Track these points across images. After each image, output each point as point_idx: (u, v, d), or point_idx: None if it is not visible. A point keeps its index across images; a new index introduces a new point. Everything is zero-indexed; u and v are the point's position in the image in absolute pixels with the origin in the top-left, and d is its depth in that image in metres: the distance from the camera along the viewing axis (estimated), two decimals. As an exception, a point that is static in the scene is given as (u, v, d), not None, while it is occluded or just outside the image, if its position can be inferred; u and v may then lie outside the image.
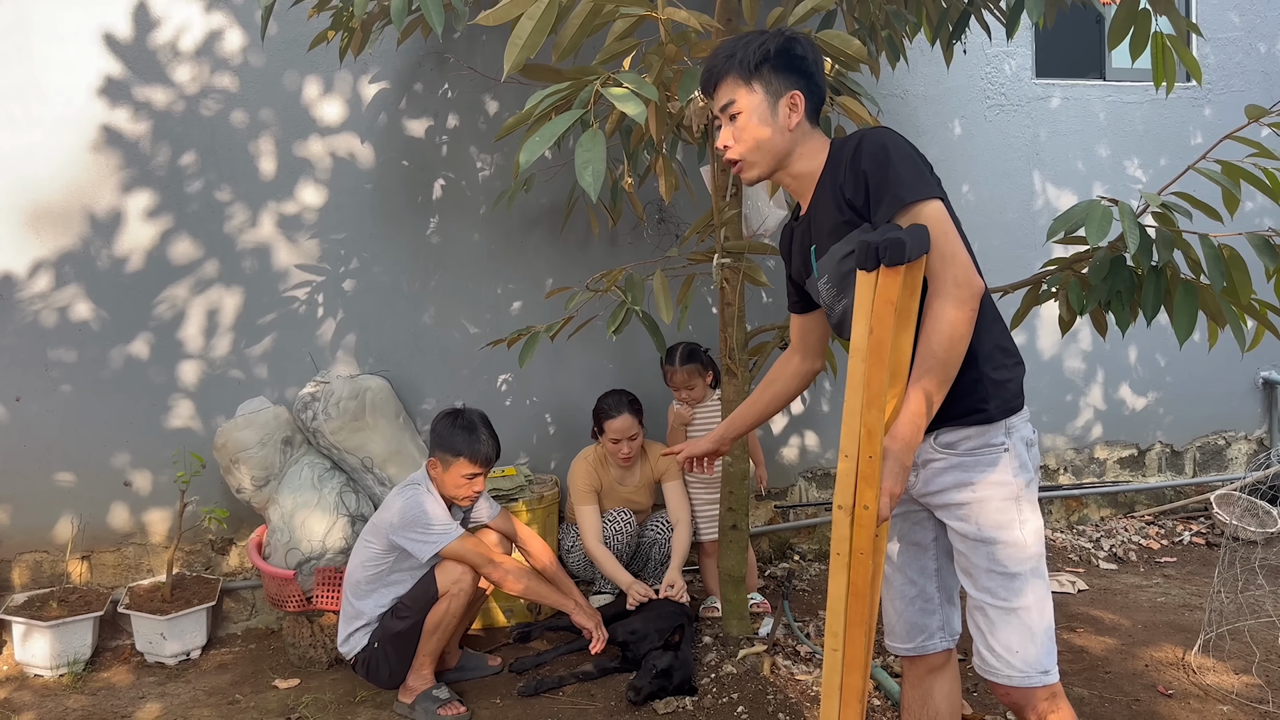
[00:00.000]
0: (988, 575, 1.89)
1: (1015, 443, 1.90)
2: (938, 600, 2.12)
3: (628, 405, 3.72)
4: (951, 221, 1.81)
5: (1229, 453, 5.26)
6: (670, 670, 3.07)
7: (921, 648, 2.14)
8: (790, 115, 1.96)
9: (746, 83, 1.96)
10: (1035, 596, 1.89)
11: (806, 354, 2.29)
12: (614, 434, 3.70)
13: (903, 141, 1.86)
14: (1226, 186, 2.48)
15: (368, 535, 3.20)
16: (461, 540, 3.09)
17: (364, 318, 4.07)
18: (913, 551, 2.11)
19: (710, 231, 3.32)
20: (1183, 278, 2.63)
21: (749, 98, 1.96)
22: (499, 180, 4.16)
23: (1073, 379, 4.98)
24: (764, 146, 1.97)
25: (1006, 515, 1.88)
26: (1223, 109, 5.06)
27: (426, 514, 3.08)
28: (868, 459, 1.73)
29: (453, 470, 3.13)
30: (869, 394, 1.72)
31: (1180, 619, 3.70)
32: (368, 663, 3.16)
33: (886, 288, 1.69)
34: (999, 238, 4.72)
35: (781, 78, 1.96)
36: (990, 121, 4.78)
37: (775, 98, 1.95)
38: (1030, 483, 1.92)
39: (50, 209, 3.75)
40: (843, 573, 1.78)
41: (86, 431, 3.83)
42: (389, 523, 3.11)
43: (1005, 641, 1.89)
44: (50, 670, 3.50)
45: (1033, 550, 1.89)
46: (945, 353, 1.75)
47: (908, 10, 3.50)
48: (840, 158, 1.92)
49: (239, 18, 3.87)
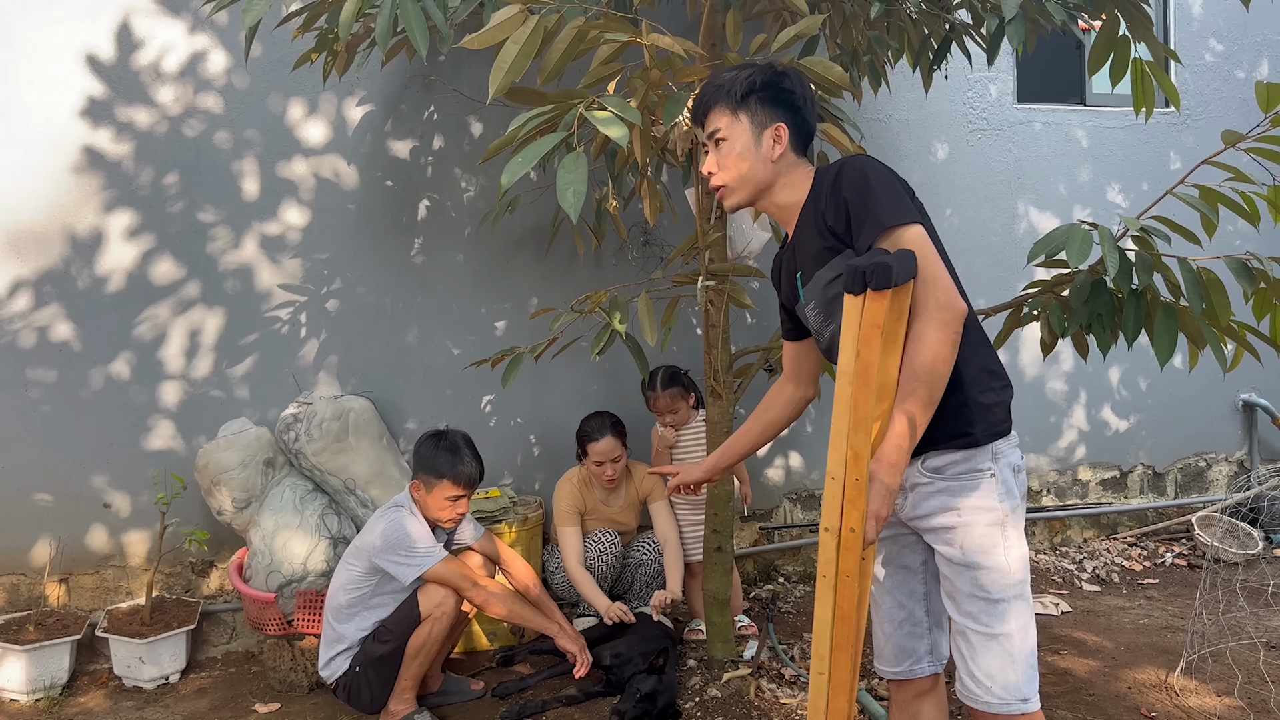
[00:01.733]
0: (971, 600, 1.89)
1: (1002, 468, 1.90)
2: (926, 624, 2.12)
3: (610, 427, 3.71)
4: (933, 245, 1.83)
5: (1210, 474, 5.29)
6: (654, 694, 3.05)
7: (909, 671, 2.14)
8: (774, 147, 1.99)
9: (733, 112, 2.00)
10: (1018, 623, 1.88)
11: (800, 382, 2.29)
12: (597, 456, 3.69)
13: (883, 168, 1.89)
14: (1204, 211, 2.51)
15: (350, 558, 3.18)
16: (445, 563, 3.07)
17: (347, 338, 4.06)
18: (902, 575, 2.11)
19: (695, 254, 3.33)
20: (1163, 300, 2.65)
21: (734, 127, 2.00)
22: (484, 202, 4.16)
23: (1055, 401, 5.01)
24: (746, 175, 2.02)
25: (991, 540, 1.88)
26: (1201, 134, 5.13)
27: (409, 536, 3.06)
28: (854, 481, 1.73)
29: (436, 492, 3.11)
30: (855, 417, 1.73)
31: (1163, 640, 3.71)
32: (349, 687, 3.12)
33: (873, 311, 1.71)
34: (981, 260, 4.76)
35: (768, 110, 2.00)
36: (972, 146, 4.82)
37: (760, 129, 1.99)
38: (1016, 509, 1.92)
39: (31, 229, 3.73)
40: (829, 595, 1.78)
41: (66, 452, 3.80)
42: (371, 545, 3.08)
43: (986, 668, 1.89)
44: (26, 695, 3.45)
45: (1016, 577, 1.89)
46: (928, 375, 1.75)
47: (889, 36, 3.54)
48: (822, 186, 1.95)
49: (223, 39, 3.88)
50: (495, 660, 3.68)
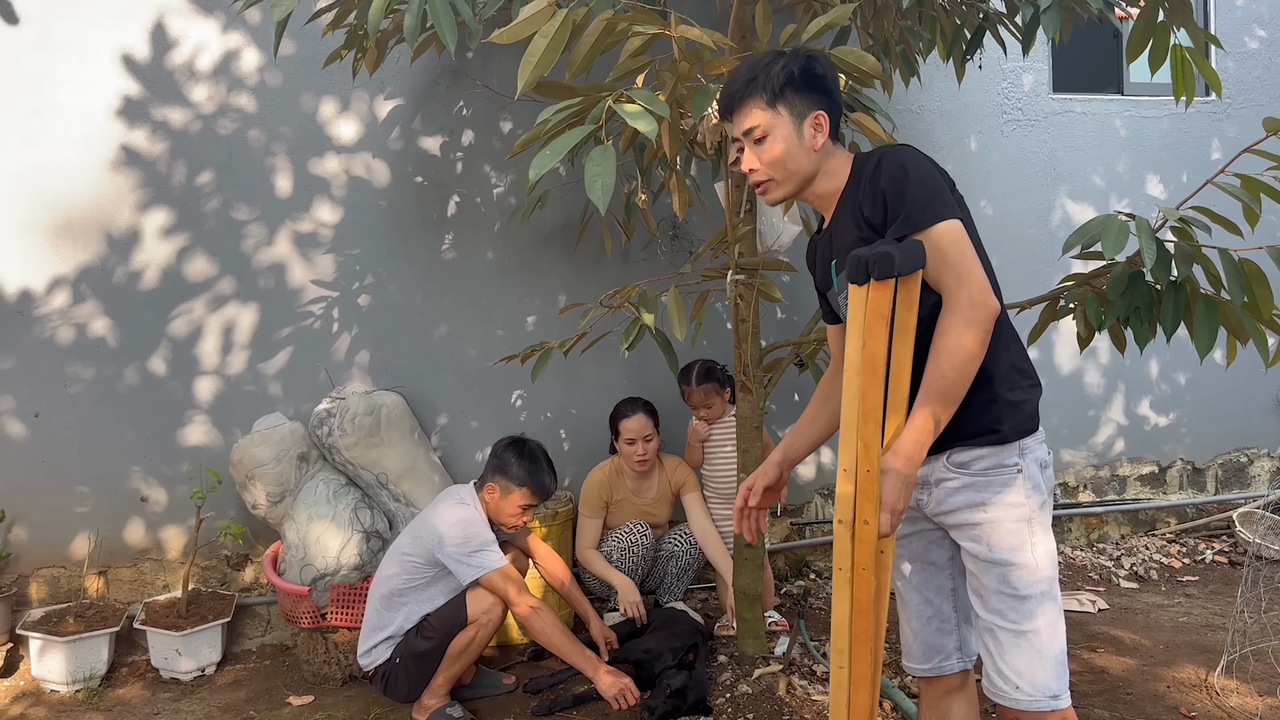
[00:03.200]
0: (998, 597, 1.87)
1: (1029, 464, 1.87)
2: (954, 620, 2.10)
3: (642, 406, 3.76)
4: (969, 240, 1.80)
5: (1251, 470, 5.19)
6: (685, 690, 3.04)
7: (938, 668, 2.11)
8: (815, 136, 1.95)
9: (771, 106, 1.94)
10: (1046, 620, 1.86)
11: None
12: (629, 434, 3.70)
13: (924, 160, 1.85)
14: (1246, 201, 2.45)
15: (406, 548, 3.19)
16: (502, 573, 3.09)
17: (379, 334, 4.08)
18: (928, 571, 2.08)
19: (724, 248, 3.31)
20: (1202, 293, 2.59)
21: (774, 121, 1.95)
22: (513, 197, 4.17)
23: (1092, 395, 4.93)
24: (790, 168, 1.97)
25: (1018, 537, 1.86)
26: (1243, 123, 5.02)
27: (479, 537, 3.10)
28: (865, 473, 1.72)
29: (511, 499, 3.18)
30: (864, 408, 1.71)
31: (1203, 639, 3.64)
32: (387, 677, 3.15)
33: (877, 301, 1.69)
34: (1016, 253, 4.69)
35: (804, 98, 1.94)
36: (1007, 137, 4.75)
37: (800, 119, 1.94)
38: (1044, 505, 1.89)
39: (69, 226, 3.78)
40: (845, 588, 1.77)
41: (103, 447, 3.85)
42: (437, 538, 3.09)
43: (1014, 665, 1.86)
44: (66, 686, 3.51)
45: (1044, 573, 1.87)
46: (954, 372, 1.73)
47: (922, 27, 3.49)
48: (861, 175, 1.91)
49: (255, 37, 3.91)
50: (527, 655, 3.69)
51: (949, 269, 1.77)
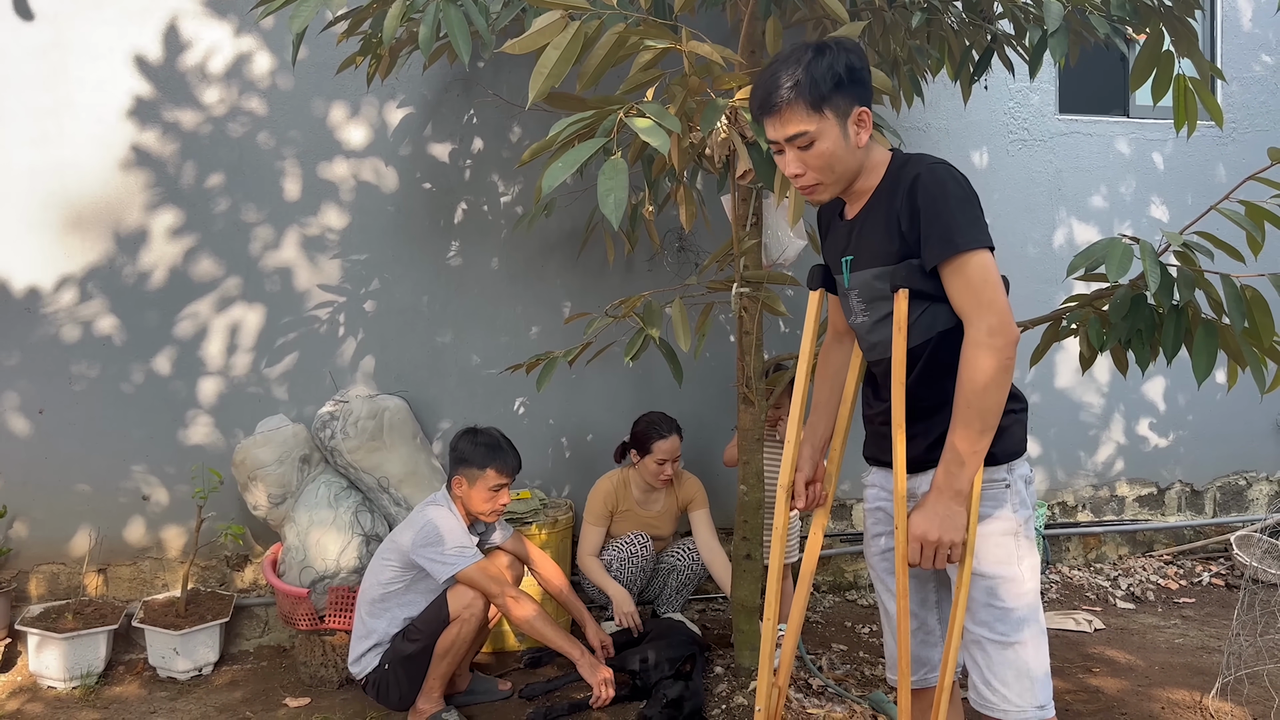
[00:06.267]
0: (986, 610, 1.90)
1: (1015, 480, 1.92)
2: (939, 633, 2.12)
3: (676, 428, 3.75)
4: (997, 270, 1.83)
5: (1250, 493, 5.20)
6: (681, 700, 3.05)
7: (924, 680, 2.14)
8: (859, 133, 1.91)
9: (818, 110, 1.86)
10: (1032, 632, 1.90)
11: (850, 334, 2.25)
12: (662, 455, 3.69)
13: (964, 182, 1.85)
14: (1249, 229, 2.47)
15: (385, 553, 3.21)
16: (479, 566, 3.10)
17: (384, 338, 4.10)
18: (913, 584, 2.11)
19: (729, 260, 3.33)
20: (1204, 317, 2.61)
21: (822, 124, 1.87)
22: (520, 205, 4.19)
23: (1092, 415, 4.95)
24: (838, 171, 1.93)
25: (1005, 551, 1.90)
26: (1248, 148, 5.04)
27: (447, 533, 3.09)
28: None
29: (479, 484, 3.16)
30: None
31: (1198, 661, 3.65)
32: (378, 684, 3.15)
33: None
34: (1020, 272, 4.71)
35: (848, 96, 1.89)
36: (1012, 156, 4.78)
37: (844, 119, 1.89)
38: (1027, 520, 1.94)
39: (78, 225, 3.81)
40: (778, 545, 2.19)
41: (106, 445, 3.87)
42: (409, 540, 3.12)
43: (1001, 676, 1.90)
44: (63, 682, 3.52)
45: (1030, 586, 1.91)
46: (979, 400, 1.77)
47: (930, 46, 3.52)
48: (899, 183, 1.90)
49: (268, 41, 3.93)
50: (523, 661, 3.69)
51: (973, 295, 1.80)
